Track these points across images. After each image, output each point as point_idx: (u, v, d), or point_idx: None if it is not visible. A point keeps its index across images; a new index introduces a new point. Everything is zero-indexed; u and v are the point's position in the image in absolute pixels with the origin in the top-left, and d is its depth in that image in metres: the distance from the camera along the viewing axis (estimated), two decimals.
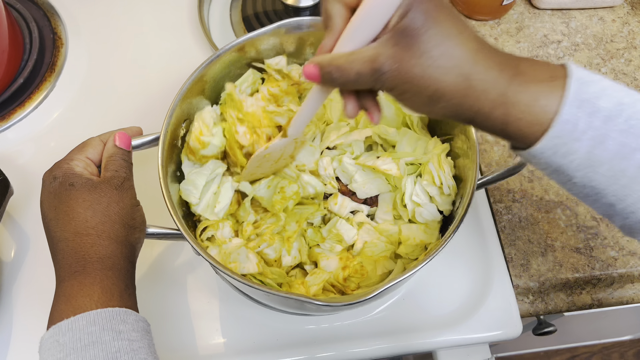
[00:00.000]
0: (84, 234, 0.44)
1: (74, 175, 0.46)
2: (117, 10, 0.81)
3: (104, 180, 0.47)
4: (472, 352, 0.62)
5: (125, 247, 0.46)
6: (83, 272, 0.43)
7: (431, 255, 0.47)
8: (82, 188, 0.46)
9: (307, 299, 0.45)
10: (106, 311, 0.41)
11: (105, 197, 0.46)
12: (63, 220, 0.45)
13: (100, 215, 0.45)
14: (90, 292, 0.42)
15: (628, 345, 1.46)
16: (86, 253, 0.44)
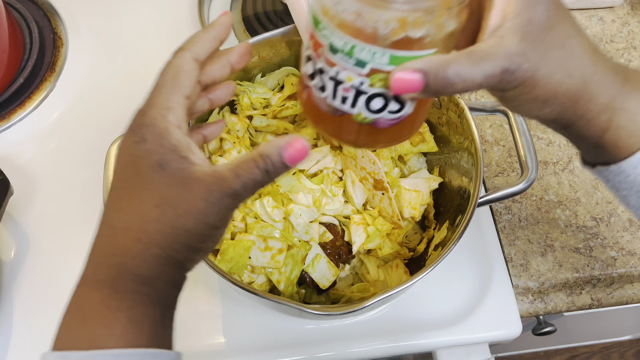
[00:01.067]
0: (133, 236, 0.32)
1: (169, 151, 0.32)
2: (118, 10, 0.81)
3: (212, 182, 0.32)
4: (471, 352, 0.62)
5: (175, 271, 0.34)
6: (110, 287, 0.32)
7: (429, 268, 0.47)
8: (171, 177, 0.32)
9: (304, 308, 0.45)
10: (128, 355, 0.31)
11: (187, 204, 0.32)
12: (125, 201, 0.33)
13: (165, 224, 0.32)
14: (113, 321, 0.32)
15: (628, 345, 1.46)
16: (123, 262, 0.32)
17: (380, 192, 0.58)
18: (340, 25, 0.31)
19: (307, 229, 0.57)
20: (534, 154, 0.54)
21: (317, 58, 0.33)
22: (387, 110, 0.34)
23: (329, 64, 0.33)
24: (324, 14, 0.32)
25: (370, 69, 0.32)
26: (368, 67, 0.32)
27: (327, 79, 0.33)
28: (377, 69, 0.32)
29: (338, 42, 0.32)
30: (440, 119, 0.60)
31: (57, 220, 0.66)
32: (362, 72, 0.32)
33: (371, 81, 0.32)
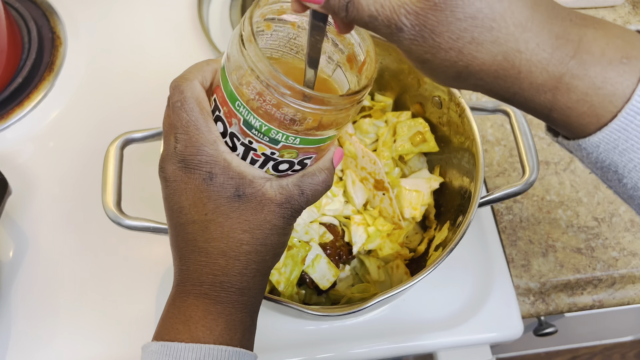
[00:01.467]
0: (232, 258, 0.36)
1: (238, 180, 0.35)
2: (117, 9, 0.81)
3: (283, 201, 0.36)
4: (473, 353, 0.62)
5: (265, 278, 0.39)
6: (215, 299, 0.36)
7: (430, 269, 0.47)
8: (249, 203, 0.35)
9: (304, 309, 0.45)
10: (221, 350, 0.35)
11: (270, 223, 0.36)
12: (214, 232, 0.36)
13: (258, 244, 0.36)
14: (214, 325, 0.36)
15: (629, 346, 1.45)
16: (227, 280, 0.36)
17: (381, 193, 0.58)
18: (258, 111, 0.33)
19: (307, 229, 0.57)
20: (535, 153, 0.53)
21: (229, 125, 0.35)
22: (291, 170, 0.37)
23: (244, 134, 0.35)
24: (240, 94, 0.34)
25: (282, 146, 0.35)
26: (280, 144, 0.35)
27: (238, 143, 0.36)
28: (288, 146, 0.35)
29: (254, 122, 0.34)
30: (441, 119, 0.60)
31: (56, 220, 0.65)
32: (274, 147, 0.35)
33: (280, 153, 0.35)
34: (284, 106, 0.32)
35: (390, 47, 0.58)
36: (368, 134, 0.62)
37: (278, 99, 0.32)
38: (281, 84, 0.32)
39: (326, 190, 0.38)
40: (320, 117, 0.33)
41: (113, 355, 0.59)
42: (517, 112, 0.55)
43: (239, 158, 0.36)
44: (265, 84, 0.32)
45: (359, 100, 0.34)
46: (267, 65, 0.31)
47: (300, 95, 0.32)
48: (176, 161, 0.36)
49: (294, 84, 0.32)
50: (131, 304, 0.61)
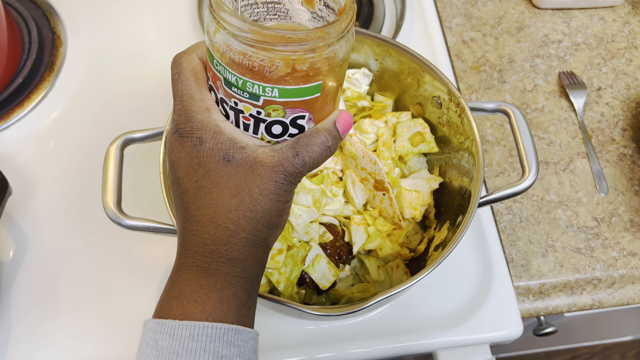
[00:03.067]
0: (221, 226, 0.36)
1: (229, 144, 0.35)
2: (117, 9, 0.81)
3: (275, 163, 0.35)
4: (472, 352, 0.62)
5: (260, 249, 0.38)
6: (205, 271, 0.36)
7: (430, 269, 0.47)
8: (239, 167, 0.35)
9: (304, 309, 0.45)
10: (214, 327, 0.35)
11: (259, 188, 0.35)
12: (203, 199, 0.36)
13: (246, 209, 0.35)
14: (206, 300, 0.35)
15: (629, 346, 1.46)
16: (215, 249, 0.36)
17: (381, 193, 0.58)
18: (230, 64, 0.33)
19: (307, 229, 0.57)
20: (534, 154, 0.53)
21: (216, 89, 0.35)
22: (288, 134, 0.36)
23: (228, 96, 0.35)
24: (214, 51, 0.33)
25: (263, 101, 0.34)
26: (261, 99, 0.34)
27: (228, 108, 0.35)
28: (270, 101, 0.34)
29: (231, 77, 0.33)
30: (440, 119, 0.60)
31: (56, 220, 0.65)
32: (257, 104, 0.34)
33: (266, 111, 0.34)
34: (249, 51, 0.32)
35: (390, 47, 0.59)
36: (368, 134, 0.62)
37: (242, 45, 0.32)
38: (238, 24, 0.31)
39: (328, 155, 0.37)
40: (291, 60, 0.32)
41: (113, 355, 0.59)
42: (517, 112, 0.55)
43: (233, 125, 0.36)
44: (228, 31, 0.32)
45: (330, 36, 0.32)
46: (226, 9, 0.31)
47: (260, 35, 0.31)
48: (173, 132, 0.37)
49: (249, 21, 0.31)
50: (131, 303, 0.61)
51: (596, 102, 0.76)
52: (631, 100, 0.77)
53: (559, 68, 0.79)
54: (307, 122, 0.36)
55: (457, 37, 0.81)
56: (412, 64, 0.58)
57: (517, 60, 0.79)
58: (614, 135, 0.74)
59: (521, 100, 0.76)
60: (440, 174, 0.62)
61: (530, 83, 0.78)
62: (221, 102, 0.35)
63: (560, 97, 0.77)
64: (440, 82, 0.56)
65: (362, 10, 0.81)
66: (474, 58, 0.79)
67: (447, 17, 0.83)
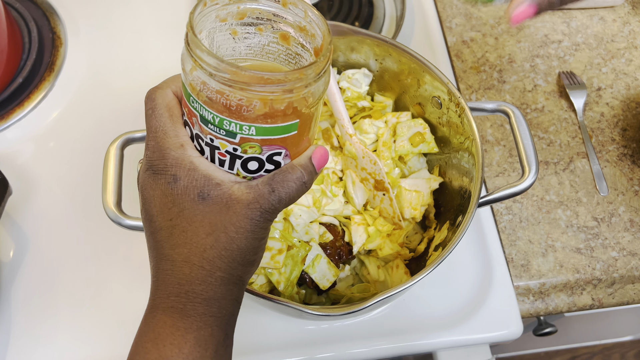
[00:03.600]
0: (196, 265, 0.35)
1: (203, 182, 0.35)
2: (117, 9, 0.81)
3: (251, 200, 0.34)
4: (472, 352, 0.62)
5: (236, 287, 0.37)
6: (181, 312, 0.35)
7: (430, 269, 0.47)
8: (214, 205, 0.34)
9: (304, 309, 0.45)
10: None
11: (235, 225, 0.34)
12: (177, 237, 0.35)
13: (221, 248, 0.35)
14: (182, 342, 0.35)
15: (629, 346, 1.46)
16: (191, 290, 0.35)
17: (381, 193, 0.58)
18: (207, 102, 0.33)
19: (307, 229, 0.57)
20: (534, 154, 0.53)
21: (192, 125, 0.35)
22: (264, 170, 0.35)
23: (203, 132, 0.34)
24: (190, 89, 0.33)
25: (240, 138, 0.34)
26: (238, 137, 0.34)
27: (203, 144, 0.35)
28: (247, 139, 0.34)
29: (207, 115, 0.33)
30: (440, 119, 0.60)
31: (56, 220, 0.65)
32: (233, 141, 0.34)
33: (242, 148, 0.34)
34: (226, 90, 0.32)
35: (390, 47, 0.59)
36: (368, 135, 0.62)
37: (219, 84, 0.32)
38: (215, 64, 0.31)
39: (304, 190, 0.36)
40: (269, 100, 0.32)
41: (113, 355, 0.59)
42: (517, 112, 0.55)
43: (208, 161, 0.35)
44: (205, 70, 0.32)
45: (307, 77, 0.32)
46: (203, 49, 0.31)
47: (238, 75, 0.31)
48: (146, 169, 0.36)
49: (227, 62, 0.31)
50: (131, 303, 0.61)
51: (596, 102, 0.76)
52: (631, 100, 0.77)
53: (559, 68, 0.79)
54: (284, 158, 0.36)
55: (457, 37, 0.81)
56: (412, 64, 0.58)
57: (517, 60, 0.80)
58: (614, 135, 0.74)
59: (521, 100, 0.76)
60: (440, 174, 0.62)
61: (530, 83, 0.78)
62: (196, 137, 0.35)
63: (560, 97, 0.77)
64: (440, 82, 0.56)
65: (362, 10, 0.81)
66: (474, 58, 0.79)
67: (447, 17, 0.83)
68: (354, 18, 0.80)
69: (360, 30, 0.59)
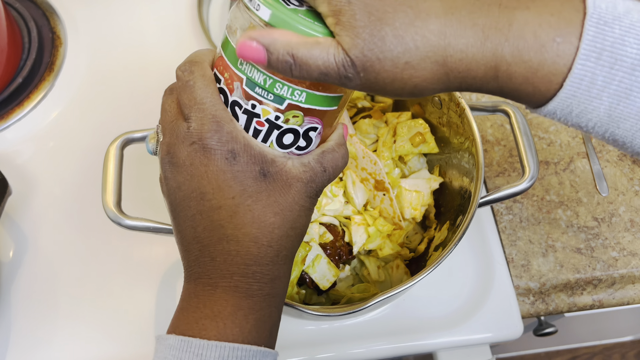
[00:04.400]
0: (264, 246, 0.34)
1: (261, 159, 0.34)
2: (116, 9, 0.81)
3: (309, 179, 0.35)
4: (472, 352, 0.62)
5: (292, 263, 0.37)
6: (246, 292, 0.34)
7: (430, 269, 0.47)
8: (275, 183, 0.34)
9: (304, 309, 0.45)
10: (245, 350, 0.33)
11: (299, 204, 0.35)
12: (243, 217, 0.34)
13: (288, 227, 0.35)
14: (244, 322, 0.34)
15: (629, 346, 1.46)
16: (259, 270, 0.34)
17: (382, 193, 0.58)
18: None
19: (307, 229, 0.57)
20: (535, 153, 0.53)
21: (229, 92, 0.34)
22: (295, 147, 0.35)
23: (246, 97, 0.33)
24: None
25: (287, 105, 0.33)
26: (285, 103, 0.33)
27: (240, 112, 0.34)
28: (294, 105, 0.33)
29: (258, 77, 0.32)
30: (440, 119, 0.60)
31: (56, 220, 0.65)
32: (279, 108, 0.33)
33: (285, 117, 0.33)
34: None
35: None
36: (368, 135, 0.62)
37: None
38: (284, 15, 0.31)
39: (344, 167, 0.37)
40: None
41: (113, 354, 0.59)
42: (517, 112, 0.55)
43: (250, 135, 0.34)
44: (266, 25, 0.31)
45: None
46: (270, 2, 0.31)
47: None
48: (190, 142, 0.33)
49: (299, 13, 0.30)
50: (131, 304, 0.61)
51: None
52: None
53: None
54: (317, 135, 0.35)
55: None
56: None
57: None
58: None
59: None
60: (440, 174, 0.62)
61: None
62: (232, 105, 0.34)
63: None
64: None
65: None
66: None
67: None
68: None
69: None
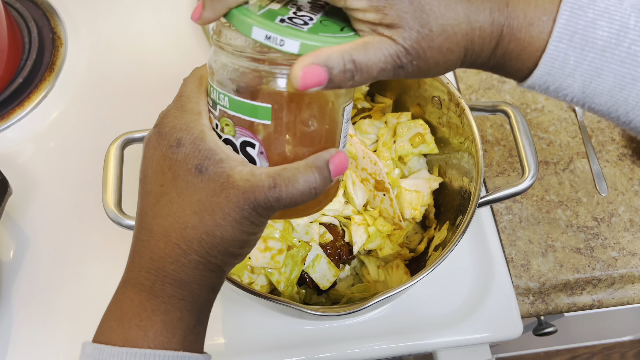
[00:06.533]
0: (172, 242, 0.32)
1: (207, 154, 0.32)
2: (117, 10, 0.81)
3: (247, 189, 0.31)
4: (472, 352, 0.62)
5: (213, 275, 0.34)
6: (149, 290, 0.33)
7: (430, 269, 0.47)
8: (209, 183, 0.32)
9: (304, 309, 0.45)
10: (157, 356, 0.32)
11: (223, 211, 0.31)
12: (162, 207, 0.33)
13: (203, 231, 0.32)
14: (148, 324, 0.32)
15: (629, 346, 1.46)
16: (161, 267, 0.33)
17: (382, 193, 0.58)
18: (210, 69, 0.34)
19: (307, 229, 0.57)
20: (534, 153, 0.53)
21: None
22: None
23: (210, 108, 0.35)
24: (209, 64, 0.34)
25: (219, 111, 0.33)
26: (218, 108, 0.33)
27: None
28: (223, 112, 0.33)
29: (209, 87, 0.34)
30: (440, 119, 0.60)
31: (56, 220, 0.66)
32: (214, 114, 0.33)
33: (221, 124, 0.33)
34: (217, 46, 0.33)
35: None
36: (368, 135, 0.62)
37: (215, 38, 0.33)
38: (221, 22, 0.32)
39: (310, 197, 0.32)
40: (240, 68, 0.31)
41: None
42: (517, 112, 0.55)
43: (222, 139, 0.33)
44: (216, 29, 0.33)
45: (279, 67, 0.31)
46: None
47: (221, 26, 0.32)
48: (155, 125, 0.34)
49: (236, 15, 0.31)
50: None
51: None
52: None
53: None
54: (258, 155, 0.33)
55: None
56: None
57: None
58: (614, 135, 0.74)
59: (521, 100, 0.76)
60: (440, 174, 0.62)
61: None
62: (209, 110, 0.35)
63: None
64: (440, 83, 0.56)
65: None
66: None
67: None
68: None
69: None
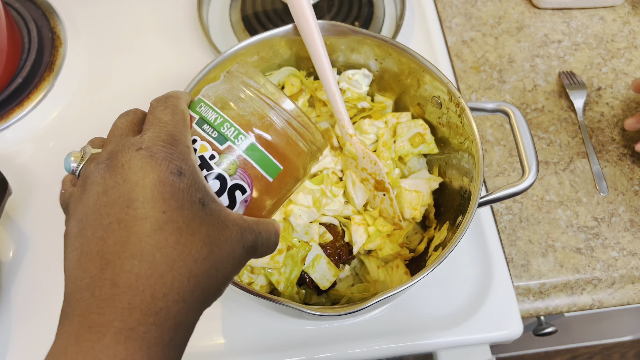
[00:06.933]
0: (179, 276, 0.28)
1: (204, 190, 0.31)
2: (116, 10, 0.81)
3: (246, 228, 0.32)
4: (472, 352, 0.62)
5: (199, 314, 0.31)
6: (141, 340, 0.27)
7: (430, 269, 0.47)
8: (212, 217, 0.30)
9: (303, 309, 0.45)
10: None
11: (230, 246, 0.31)
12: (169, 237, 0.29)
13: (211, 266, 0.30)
14: None
15: (629, 346, 1.46)
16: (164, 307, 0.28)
17: (381, 193, 0.58)
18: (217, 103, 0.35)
19: (307, 229, 0.57)
20: (534, 153, 0.53)
21: None
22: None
23: (191, 134, 0.34)
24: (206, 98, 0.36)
25: (227, 146, 0.33)
26: (226, 144, 0.33)
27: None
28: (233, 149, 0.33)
29: (210, 116, 0.34)
30: (440, 119, 0.60)
31: (56, 220, 0.65)
32: (218, 147, 0.33)
33: (221, 158, 0.33)
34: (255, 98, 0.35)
35: (390, 47, 0.59)
36: (368, 135, 0.62)
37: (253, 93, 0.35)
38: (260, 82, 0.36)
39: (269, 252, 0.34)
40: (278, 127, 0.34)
41: None
42: (517, 112, 0.55)
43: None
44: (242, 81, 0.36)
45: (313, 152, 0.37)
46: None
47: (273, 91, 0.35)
48: (137, 148, 0.30)
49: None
50: None
51: (596, 102, 0.76)
52: (631, 100, 0.77)
53: (559, 68, 0.79)
54: (241, 202, 0.34)
55: (457, 37, 0.81)
56: (412, 64, 0.58)
57: (517, 60, 0.79)
58: (614, 135, 0.74)
59: (521, 100, 0.76)
60: (440, 174, 0.62)
61: (530, 83, 0.78)
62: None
63: (560, 97, 0.77)
64: (440, 82, 0.56)
65: (362, 10, 0.81)
66: (474, 58, 0.79)
67: (447, 17, 0.83)
68: (353, 18, 0.80)
69: (360, 30, 0.59)
